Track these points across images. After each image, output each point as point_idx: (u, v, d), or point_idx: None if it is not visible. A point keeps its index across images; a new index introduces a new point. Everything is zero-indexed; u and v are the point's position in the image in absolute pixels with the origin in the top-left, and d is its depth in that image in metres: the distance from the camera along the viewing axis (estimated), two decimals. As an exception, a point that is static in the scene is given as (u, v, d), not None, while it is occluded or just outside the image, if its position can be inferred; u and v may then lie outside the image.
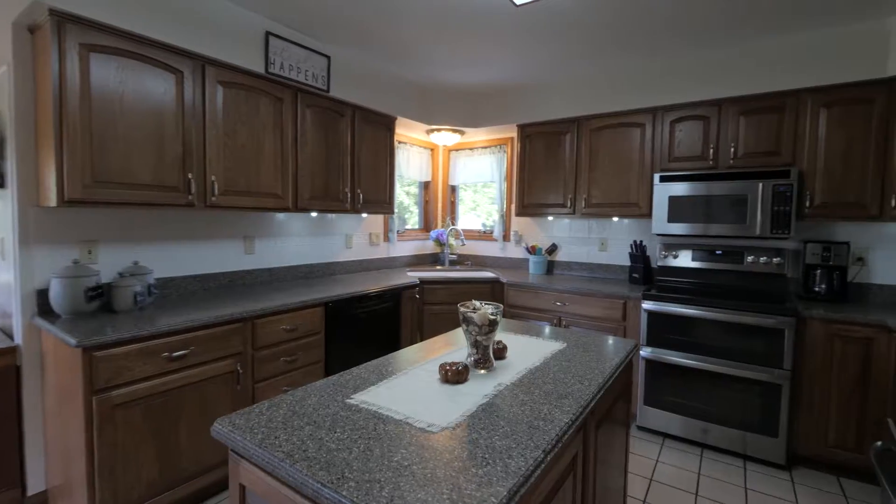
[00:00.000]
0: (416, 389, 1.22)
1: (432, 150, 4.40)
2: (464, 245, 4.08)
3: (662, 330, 2.67)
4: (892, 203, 2.26)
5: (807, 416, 2.32)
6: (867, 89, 2.33)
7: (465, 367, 1.29)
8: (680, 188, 2.80)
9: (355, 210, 3.15)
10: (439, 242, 4.30)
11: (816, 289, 2.56)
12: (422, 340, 3.41)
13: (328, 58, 2.82)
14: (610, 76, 3.13)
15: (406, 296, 3.19)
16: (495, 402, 1.14)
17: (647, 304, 2.71)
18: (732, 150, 2.68)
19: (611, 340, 1.74)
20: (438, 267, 4.11)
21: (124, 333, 1.72)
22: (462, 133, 3.99)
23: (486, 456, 0.89)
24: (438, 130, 3.89)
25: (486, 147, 4.17)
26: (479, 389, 1.23)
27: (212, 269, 2.65)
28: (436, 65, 3.17)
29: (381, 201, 3.40)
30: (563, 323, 3.07)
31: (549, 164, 3.43)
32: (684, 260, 3.04)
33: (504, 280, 3.40)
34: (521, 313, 3.28)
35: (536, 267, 3.71)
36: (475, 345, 1.37)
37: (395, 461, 0.86)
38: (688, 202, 2.77)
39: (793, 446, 2.37)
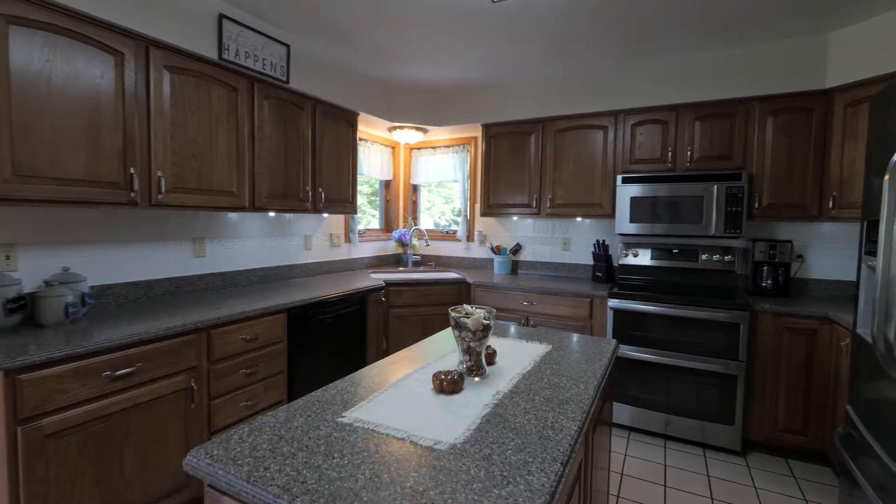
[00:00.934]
0: (410, 402, 1.13)
1: (393, 147, 4.28)
2: (428, 245, 4.00)
3: (627, 327, 2.75)
4: (830, 204, 2.47)
5: (759, 404, 2.48)
6: (807, 99, 2.53)
7: (460, 375, 1.23)
8: (641, 189, 2.90)
9: (317, 210, 2.98)
10: (402, 243, 4.19)
11: (764, 284, 2.74)
12: (387, 345, 3.31)
13: (287, 46, 2.64)
14: (574, 78, 3.19)
15: (371, 299, 3.06)
16: (498, 413, 1.09)
17: (612, 303, 2.78)
18: (689, 153, 2.82)
19: (592, 340, 1.74)
20: (401, 268, 4.00)
21: (55, 352, 1.48)
22: (425, 131, 3.91)
23: (505, 474, 0.83)
24: (401, 128, 3.79)
25: (448, 146, 4.12)
26: (477, 399, 1.16)
27: (156, 275, 2.39)
28: (402, 60, 3.07)
29: (344, 200, 3.24)
30: (531, 322, 3.09)
31: (515, 165, 3.44)
32: (644, 258, 3.16)
33: (471, 281, 3.36)
34: (489, 314, 3.26)
35: (501, 267, 3.71)
36: (468, 351, 1.31)
37: (408, 487, 0.78)
38: (648, 203, 2.88)
39: (747, 433, 2.52)
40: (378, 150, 4.05)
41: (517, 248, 3.78)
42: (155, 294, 2.37)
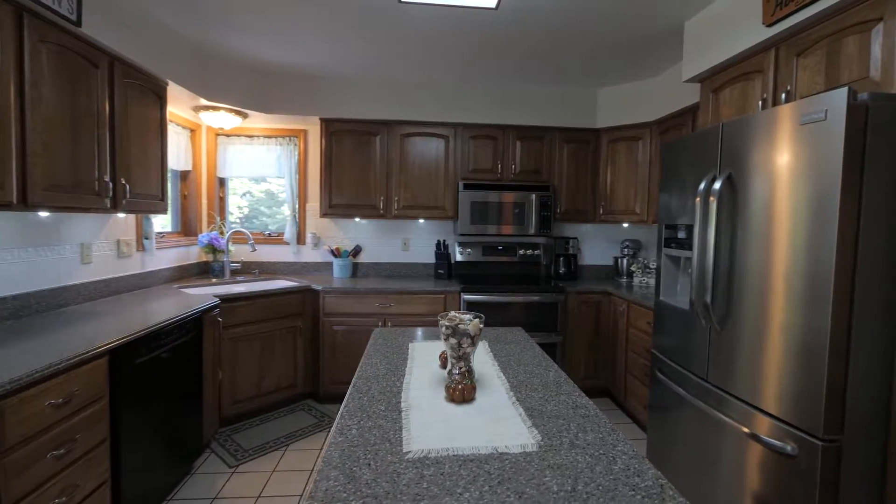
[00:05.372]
0: (447, 419, 1.08)
1: (193, 130, 3.47)
2: (255, 251, 3.43)
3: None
4: (600, 211, 3.47)
5: (570, 362, 3.27)
6: (585, 134, 3.46)
7: (471, 382, 1.23)
8: (477, 195, 3.33)
9: (118, 208, 2.17)
10: (213, 249, 3.45)
11: (561, 271, 3.60)
12: (223, 375, 2.71)
13: (78, -27, 1.83)
14: (422, 87, 3.35)
15: (207, 321, 2.46)
16: (529, 407, 1.16)
17: (466, 297, 3.11)
18: (513, 166, 3.42)
19: (508, 331, 1.97)
20: (214, 280, 3.31)
21: None
22: (245, 116, 3.34)
23: (603, 452, 0.93)
24: (216, 109, 3.12)
25: (269, 136, 3.63)
26: (498, 401, 1.20)
27: None
28: (231, 27, 2.52)
29: (153, 196, 2.47)
30: (389, 323, 3.11)
31: (359, 165, 3.35)
32: (476, 255, 3.63)
33: (318, 288, 3.11)
34: (343, 320, 3.10)
35: (341, 270, 3.55)
36: (462, 357, 1.31)
37: (555, 492, 0.79)
38: (483, 207, 3.34)
39: (562, 385, 3.27)
40: (174, 131, 3.21)
41: (357, 250, 3.70)
42: None
